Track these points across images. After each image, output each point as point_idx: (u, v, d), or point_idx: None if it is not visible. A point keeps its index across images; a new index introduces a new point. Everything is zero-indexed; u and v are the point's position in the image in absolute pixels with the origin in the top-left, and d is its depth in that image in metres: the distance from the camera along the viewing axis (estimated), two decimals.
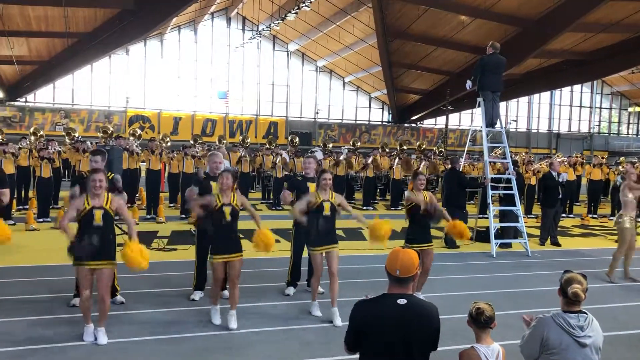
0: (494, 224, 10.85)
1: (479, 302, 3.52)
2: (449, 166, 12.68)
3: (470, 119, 38.11)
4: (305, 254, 7.36)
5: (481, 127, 11.46)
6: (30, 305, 6.37)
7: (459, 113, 37.84)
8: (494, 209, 11.16)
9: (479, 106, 11.43)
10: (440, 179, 17.68)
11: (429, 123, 39.15)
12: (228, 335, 5.71)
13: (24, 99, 30.10)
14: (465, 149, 12.59)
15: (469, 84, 11.33)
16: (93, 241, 5.22)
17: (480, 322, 3.44)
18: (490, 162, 11.91)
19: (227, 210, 5.85)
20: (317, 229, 6.24)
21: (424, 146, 21.79)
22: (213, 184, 6.67)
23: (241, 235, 6.33)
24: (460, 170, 11.81)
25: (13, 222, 11.65)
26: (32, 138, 17.06)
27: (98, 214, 5.32)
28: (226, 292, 6.52)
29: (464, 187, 11.56)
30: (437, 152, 22.77)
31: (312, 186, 7.15)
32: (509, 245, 11.21)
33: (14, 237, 10.16)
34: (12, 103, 29.48)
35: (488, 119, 11.22)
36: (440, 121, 37.04)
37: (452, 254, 10.56)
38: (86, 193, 5.39)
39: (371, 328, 3.11)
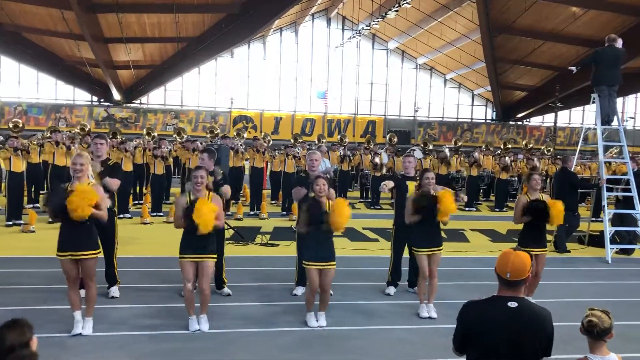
0: (609, 228, 10.13)
1: (595, 311, 3.27)
2: (559, 166, 12.02)
3: (582, 116, 35.84)
4: (406, 254, 7.29)
5: (595, 125, 10.75)
6: (145, 294, 6.79)
7: (568, 110, 35.70)
8: (609, 212, 10.42)
9: (593, 102, 10.72)
10: (549, 180, 16.79)
11: (535, 121, 37.32)
12: (327, 331, 5.76)
13: (138, 101, 32.21)
14: (578, 148, 11.84)
15: (573, 68, 10.77)
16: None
17: (593, 334, 3.21)
18: (605, 162, 11.14)
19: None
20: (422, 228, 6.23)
21: (531, 145, 20.81)
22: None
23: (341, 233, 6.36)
24: (572, 170, 11.13)
25: (130, 216, 12.49)
26: (146, 137, 18.24)
27: None
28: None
29: (575, 188, 10.90)
30: (545, 151, 21.65)
31: (411, 185, 7.05)
32: (628, 251, 10.42)
33: (131, 230, 10.94)
34: (129, 105, 31.66)
35: (604, 116, 10.49)
36: (548, 119, 35.17)
37: (562, 258, 9.99)
38: (188, 191, 5.70)
39: (480, 330, 3.03)
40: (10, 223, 11.00)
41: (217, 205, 5.61)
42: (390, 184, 7.10)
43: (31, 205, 12.55)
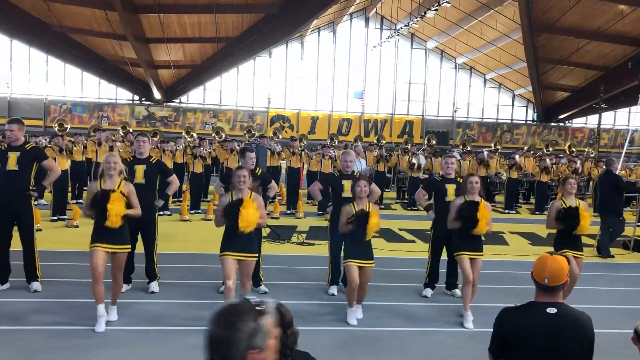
0: None
1: None
2: (603, 169, 11.68)
3: (628, 118, 34.78)
4: (443, 256, 7.20)
5: None
6: (184, 289, 6.92)
7: (613, 111, 34.62)
8: None
9: None
10: (590, 182, 16.35)
11: (578, 122, 36.31)
12: (363, 332, 5.74)
13: (178, 100, 32.74)
14: (623, 151, 11.50)
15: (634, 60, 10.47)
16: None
17: None
18: None
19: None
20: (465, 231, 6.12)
21: (573, 147, 20.29)
22: (345, 182, 6.78)
23: (377, 234, 6.33)
24: (617, 173, 10.81)
25: (169, 213, 12.72)
26: (186, 137, 18.54)
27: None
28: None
29: (621, 191, 10.56)
30: (590, 153, 21.07)
31: (450, 187, 6.95)
32: None
33: (170, 226, 11.14)
34: (169, 104, 32.21)
35: None
36: (592, 120, 34.22)
37: (605, 263, 9.71)
38: (230, 190, 5.69)
39: (518, 337, 2.96)
40: (55, 218, 11.36)
41: (259, 204, 5.66)
42: (423, 198, 7.16)
43: (75, 202, 12.91)
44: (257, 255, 5.82)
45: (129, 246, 5.78)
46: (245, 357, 1.85)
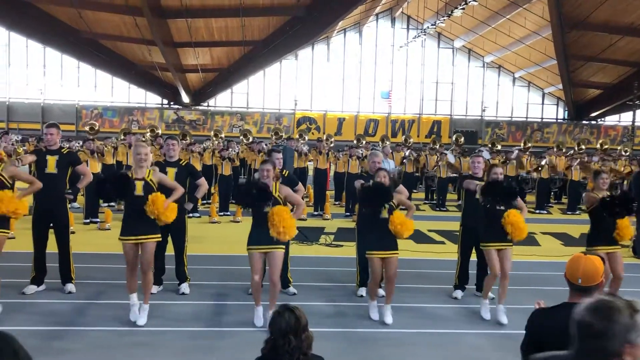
0: None
1: None
2: (637, 168, 11.39)
3: None
4: (473, 257, 7.11)
5: None
6: (214, 291, 6.97)
7: None
8: None
9: None
10: (624, 182, 15.96)
11: (611, 120, 35.52)
12: (392, 334, 5.70)
13: (206, 104, 33.09)
14: None
15: None
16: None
17: None
18: None
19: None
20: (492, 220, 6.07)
21: (606, 146, 19.85)
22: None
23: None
24: None
25: (199, 215, 12.84)
26: (214, 139, 18.71)
27: None
28: (381, 290, 6.49)
29: None
30: (622, 152, 20.57)
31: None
32: None
33: (199, 228, 11.25)
34: (197, 107, 32.57)
35: None
36: (625, 118, 33.42)
37: None
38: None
39: (552, 339, 2.88)
40: (88, 221, 11.58)
41: (290, 193, 5.82)
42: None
43: (107, 205, 13.14)
44: (284, 245, 5.83)
45: (159, 235, 5.82)
46: (622, 350, 1.96)
